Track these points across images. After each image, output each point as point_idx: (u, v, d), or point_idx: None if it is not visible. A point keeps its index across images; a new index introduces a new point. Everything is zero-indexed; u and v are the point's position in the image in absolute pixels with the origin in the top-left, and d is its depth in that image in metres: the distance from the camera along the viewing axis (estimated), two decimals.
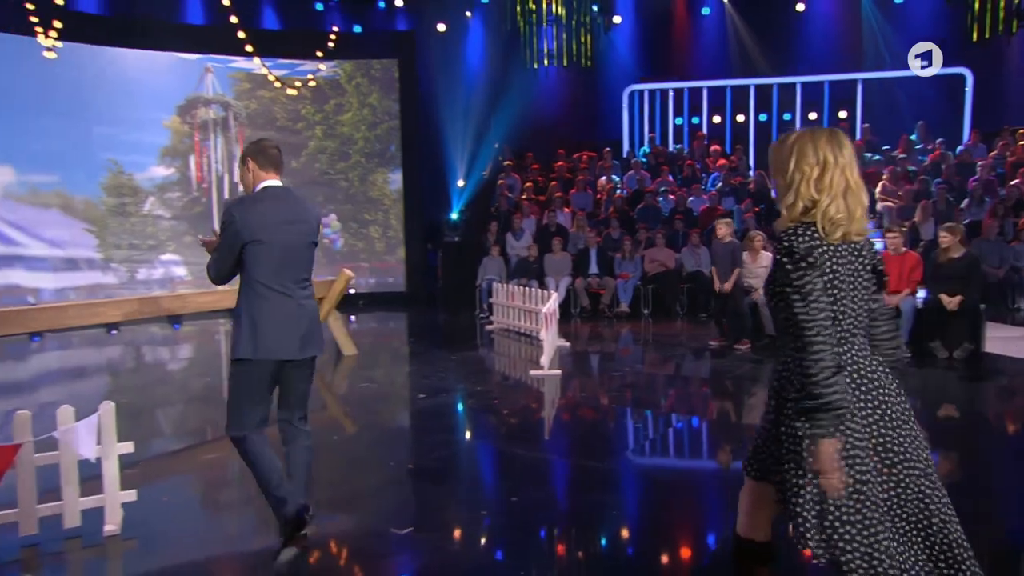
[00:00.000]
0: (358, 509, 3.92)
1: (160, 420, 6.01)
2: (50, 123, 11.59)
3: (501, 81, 14.07)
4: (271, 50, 12.89)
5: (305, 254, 3.24)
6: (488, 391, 6.65)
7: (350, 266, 13.49)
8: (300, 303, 3.19)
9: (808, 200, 1.99)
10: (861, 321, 2.05)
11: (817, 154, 1.99)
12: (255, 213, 3.08)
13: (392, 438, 5.35)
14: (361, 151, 13.57)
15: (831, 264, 1.98)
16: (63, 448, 3.38)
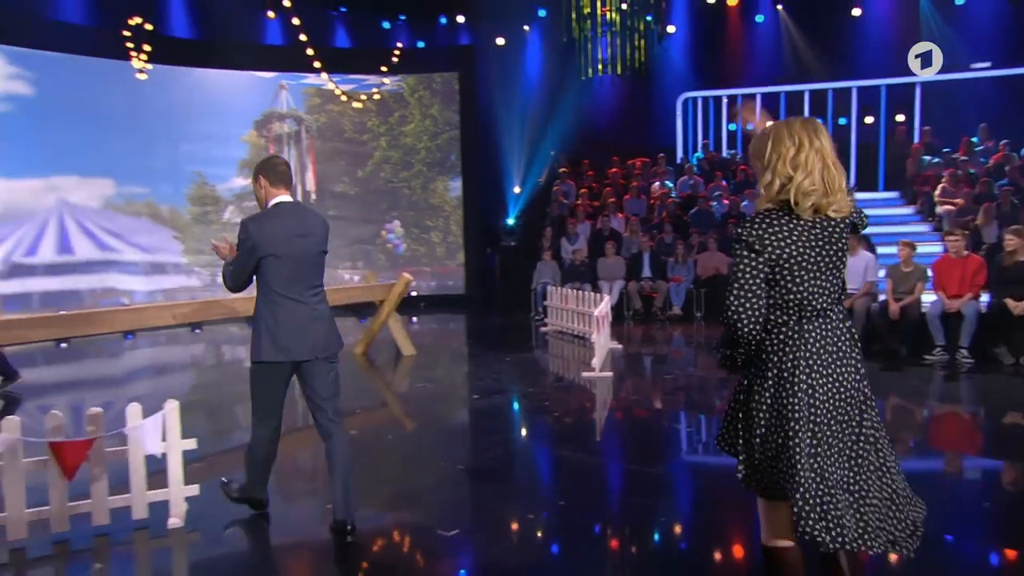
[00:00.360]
0: (408, 508, 3.84)
1: (229, 416, 6.09)
2: (142, 140, 12.02)
3: (557, 91, 13.92)
4: (340, 67, 13.07)
5: (315, 263, 3.35)
6: (540, 392, 6.51)
7: (411, 270, 13.57)
8: (313, 308, 3.29)
9: (784, 177, 2.03)
10: (832, 296, 2.09)
11: (792, 137, 2.04)
12: (269, 228, 3.19)
13: (445, 438, 5.27)
14: (423, 160, 13.62)
15: (791, 249, 2.03)
16: (131, 444, 3.40)
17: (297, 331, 3.22)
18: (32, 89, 11.02)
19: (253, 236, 3.17)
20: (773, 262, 2.04)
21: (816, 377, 2.03)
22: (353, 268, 13.49)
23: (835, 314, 2.09)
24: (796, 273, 2.04)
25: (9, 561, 3.22)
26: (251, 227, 3.20)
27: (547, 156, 13.79)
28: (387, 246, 13.67)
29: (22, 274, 11.02)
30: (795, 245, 2.03)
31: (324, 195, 13.41)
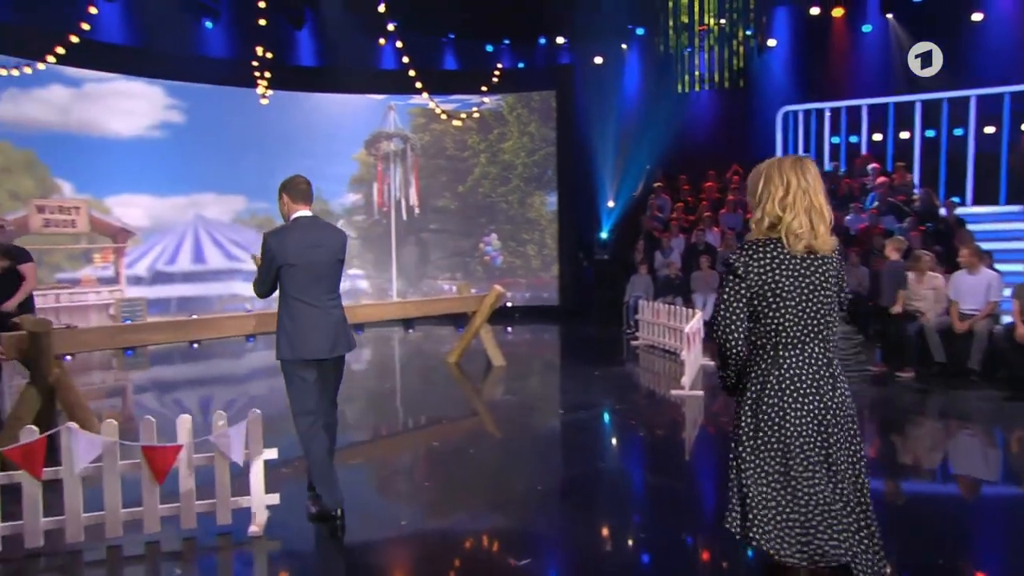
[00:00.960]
0: (481, 529, 3.59)
1: None
2: (266, 159, 12.55)
3: (653, 106, 13.42)
4: (444, 88, 13.17)
5: (332, 271, 3.49)
6: (628, 409, 6.12)
7: (508, 281, 13.47)
8: (328, 312, 3.45)
9: (773, 216, 2.07)
10: (815, 330, 2.09)
11: (782, 177, 2.08)
12: (288, 240, 3.37)
13: (527, 454, 4.99)
14: (520, 176, 13.49)
15: (770, 277, 2.07)
16: (217, 451, 3.35)
17: (312, 333, 3.38)
18: (183, 117, 11.79)
19: (272, 248, 3.36)
20: (754, 288, 2.08)
21: (788, 402, 2.06)
22: (452, 279, 13.52)
23: (815, 346, 2.09)
24: (773, 302, 2.07)
25: (105, 558, 3.23)
26: (271, 240, 3.39)
27: (641, 170, 13.31)
28: (484, 258, 13.61)
29: (163, 281, 11.74)
30: (776, 274, 2.07)
31: (426, 209, 13.53)
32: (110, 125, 11.09)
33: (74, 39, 9.34)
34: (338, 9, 12.22)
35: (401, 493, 4.18)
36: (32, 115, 10.30)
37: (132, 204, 11.45)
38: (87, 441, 3.15)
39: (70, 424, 3.15)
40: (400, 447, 5.18)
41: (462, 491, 4.14)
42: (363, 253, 13.45)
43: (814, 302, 2.08)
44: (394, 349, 10.36)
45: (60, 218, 10.59)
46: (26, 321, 4.77)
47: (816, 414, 2.06)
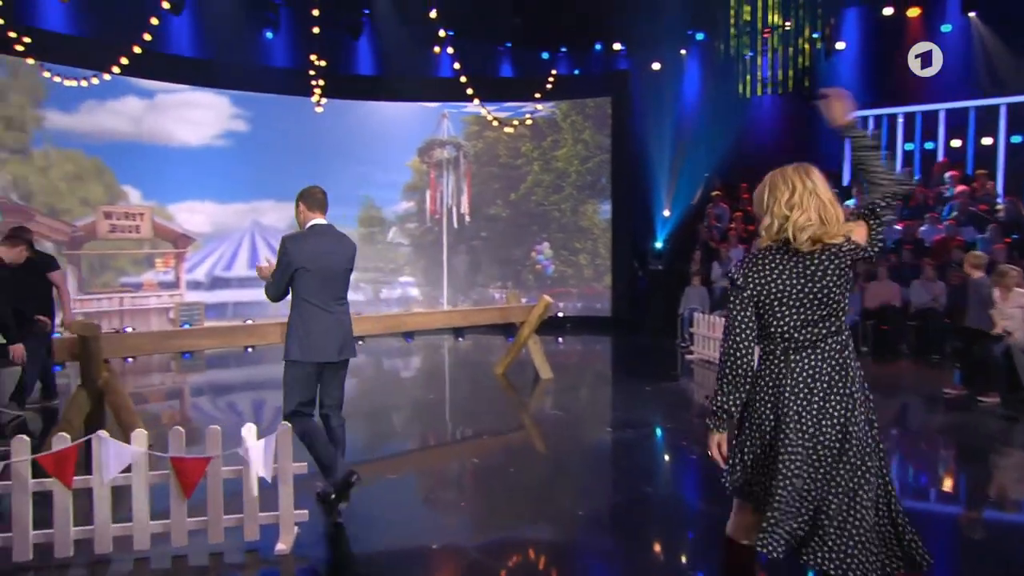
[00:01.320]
0: (516, 553, 3.38)
1: (368, 430, 6.00)
2: (321, 166, 12.70)
3: (713, 112, 13.00)
4: (498, 95, 13.08)
5: (342, 278, 3.71)
6: (679, 429, 5.82)
7: (559, 291, 13.23)
8: (338, 317, 3.64)
9: (781, 218, 2.11)
10: (822, 329, 2.11)
11: (787, 182, 2.15)
12: (305, 245, 3.56)
13: (570, 475, 4.75)
14: (574, 183, 13.26)
15: (772, 286, 2.12)
16: (245, 465, 3.26)
17: (322, 336, 3.54)
18: (246, 126, 12.07)
19: (290, 252, 3.54)
20: (756, 297, 2.13)
21: (803, 404, 2.09)
22: (502, 288, 13.38)
23: (827, 346, 2.11)
24: (777, 308, 2.12)
25: (132, 570, 3.17)
26: (289, 244, 3.58)
27: (699, 178, 12.90)
28: (536, 267, 13.42)
29: (220, 286, 12.00)
30: (777, 282, 2.12)
31: (477, 217, 13.45)
32: (176, 134, 11.43)
33: (137, 50, 9.64)
34: (395, 18, 12.30)
35: (437, 510, 4.02)
36: (103, 125, 10.71)
37: (194, 210, 11.76)
38: (117, 450, 3.11)
39: (100, 433, 3.11)
40: (439, 461, 5.03)
41: (499, 512, 3.95)
42: (414, 260, 13.46)
43: (822, 299, 2.10)
44: (442, 358, 10.27)
45: (125, 224, 10.96)
46: (75, 325, 4.85)
47: (834, 414, 2.09)
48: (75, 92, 10.29)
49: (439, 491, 4.46)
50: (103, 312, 10.68)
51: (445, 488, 4.49)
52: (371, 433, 5.88)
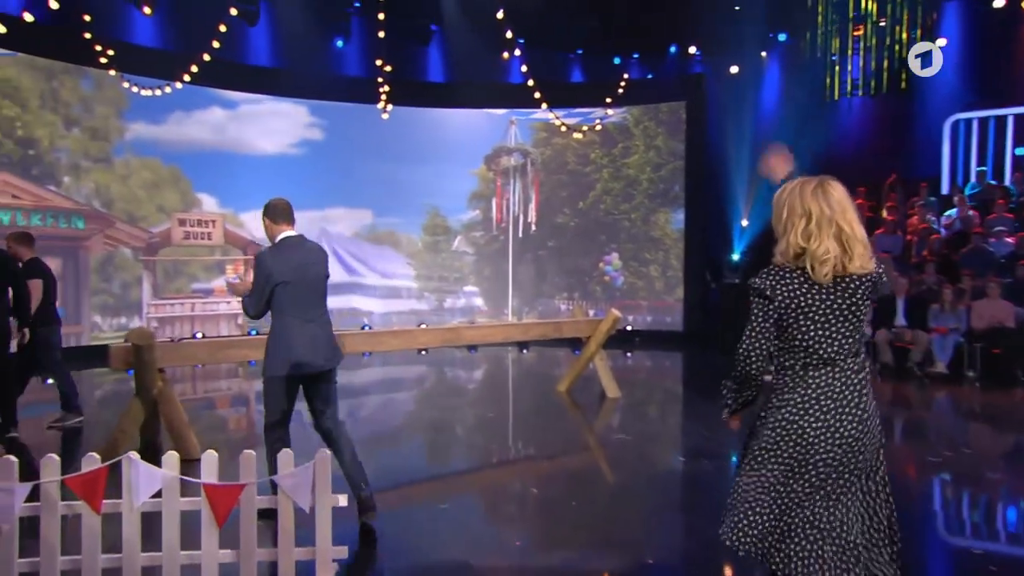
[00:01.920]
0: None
1: (422, 449, 5.72)
2: (389, 174, 12.71)
3: (797, 117, 12.21)
4: (568, 101, 12.73)
5: (319, 288, 3.66)
6: None
7: (628, 303, 12.71)
8: (320, 326, 3.61)
9: (797, 247, 2.08)
10: (843, 348, 2.10)
11: (803, 207, 2.08)
12: (281, 259, 3.53)
13: (636, 512, 4.28)
14: (645, 192, 12.74)
15: (799, 300, 2.08)
16: (280, 494, 3.00)
17: (307, 347, 3.53)
18: (318, 135, 12.19)
19: (268, 267, 3.50)
20: (782, 310, 2.10)
21: (809, 420, 2.08)
22: (569, 299, 12.98)
23: (845, 364, 2.11)
24: (802, 323, 2.09)
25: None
26: (267, 259, 3.53)
27: (779, 186, 12.12)
28: (604, 278, 12.95)
29: None
30: (804, 297, 2.09)
31: (544, 225, 13.11)
32: (249, 143, 11.63)
33: (207, 58, 9.81)
34: (464, 25, 12.16)
35: (488, 549, 3.66)
36: (180, 134, 10.98)
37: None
38: (148, 474, 2.91)
39: (131, 454, 2.92)
40: (494, 489, 4.68)
41: (557, 554, 3.56)
42: (480, 270, 13.24)
43: (844, 321, 2.09)
44: (505, 371, 9.96)
45: (198, 231, 11.19)
46: (131, 334, 4.77)
47: (846, 433, 2.07)
48: (155, 103, 10.59)
49: (492, 525, 4.11)
50: (175, 317, 10.91)
51: (499, 522, 4.14)
52: (423, 452, 5.60)
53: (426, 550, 3.51)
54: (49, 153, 9.80)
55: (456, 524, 3.93)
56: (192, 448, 4.90)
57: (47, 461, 2.89)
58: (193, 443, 4.92)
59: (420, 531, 3.77)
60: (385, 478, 4.52)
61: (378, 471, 4.68)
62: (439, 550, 3.54)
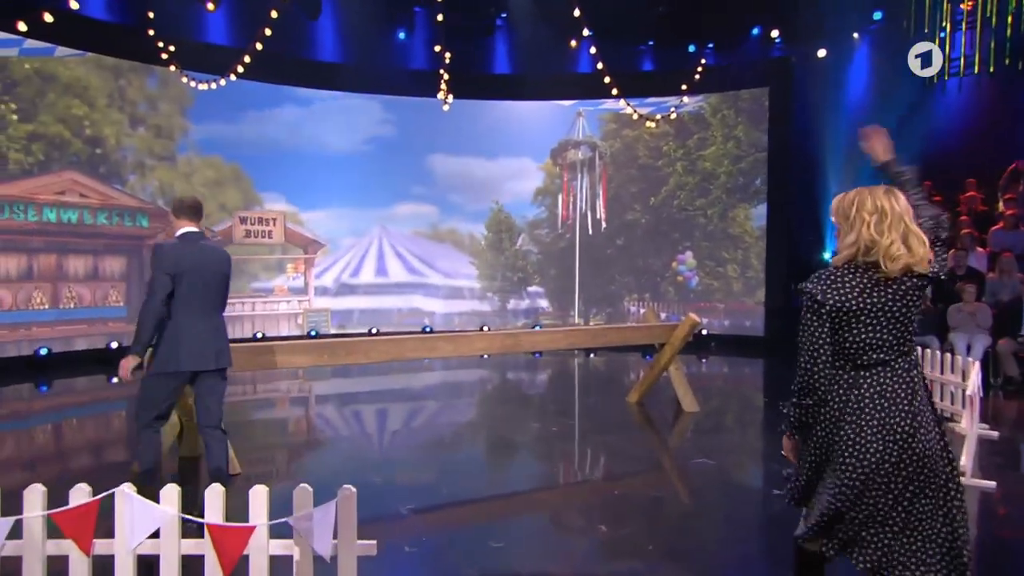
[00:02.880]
0: None
1: (477, 469, 5.17)
2: (452, 170, 12.30)
3: (895, 101, 11.06)
4: (640, 90, 11.94)
5: (216, 287, 3.64)
6: None
7: (703, 306, 11.84)
8: (214, 324, 3.63)
9: (868, 240, 2.11)
10: (895, 349, 2.15)
11: (876, 203, 2.13)
12: (179, 254, 3.53)
13: (723, 561, 3.61)
14: (723, 186, 11.83)
15: (851, 303, 2.13)
16: (296, 537, 2.50)
17: (197, 343, 3.52)
18: (378, 130, 11.88)
19: (166, 261, 3.48)
20: (834, 314, 2.14)
21: (865, 419, 2.12)
22: (639, 300, 12.22)
23: (897, 364, 2.16)
24: (854, 326, 2.14)
25: None
26: (166, 254, 3.52)
27: (876, 178, 10.98)
28: (677, 279, 12.12)
29: (347, 292, 11.85)
30: (856, 300, 2.13)
31: (613, 223, 12.39)
32: (310, 139, 11.41)
33: (259, 46, 9.59)
34: (529, 14, 11.58)
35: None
36: (242, 132, 10.86)
37: (324, 216, 11.70)
38: (143, 510, 2.46)
39: (124, 487, 2.48)
40: (555, 521, 4.08)
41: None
42: (545, 269, 12.65)
43: (897, 322, 2.15)
44: (570, 379, 9.33)
45: (259, 229, 11.05)
46: None
47: (899, 431, 2.11)
48: (217, 101, 10.48)
49: (547, 567, 3.50)
50: (236, 316, 10.80)
51: (555, 562, 3.53)
52: (475, 472, 5.05)
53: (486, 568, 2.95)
54: (115, 151, 9.81)
55: (512, 551, 3.35)
56: (229, 464, 4.51)
57: (30, 492, 2.47)
58: (229, 457, 4.53)
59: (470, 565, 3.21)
60: (430, 498, 4.00)
61: (423, 492, 4.17)
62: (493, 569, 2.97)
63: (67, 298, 9.33)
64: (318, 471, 4.91)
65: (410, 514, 3.86)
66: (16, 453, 5.48)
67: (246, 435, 5.76)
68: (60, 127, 9.25)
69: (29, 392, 7.94)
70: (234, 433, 5.32)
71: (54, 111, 9.17)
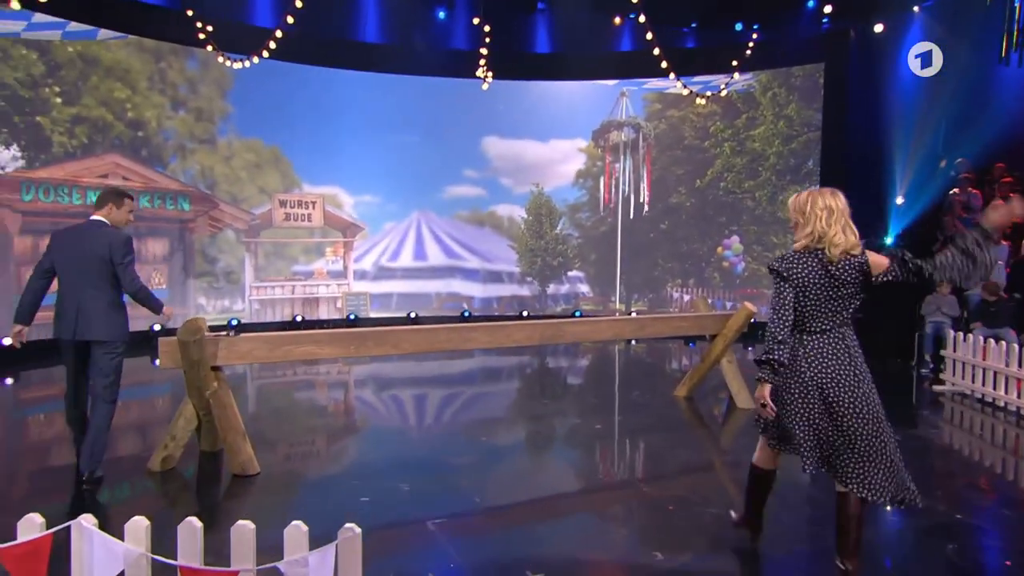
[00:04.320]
0: None
1: (513, 470, 4.60)
2: (492, 152, 11.69)
3: (960, 79, 9.97)
4: (686, 69, 11.09)
5: (88, 266, 3.82)
6: (950, 506, 3.71)
7: (750, 292, 11.03)
8: (90, 300, 3.80)
9: (820, 231, 2.60)
10: (834, 320, 2.63)
11: (825, 202, 2.64)
12: (62, 234, 3.93)
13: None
14: (772, 167, 10.94)
15: (807, 280, 2.60)
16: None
17: (71, 317, 3.79)
18: (417, 111, 11.26)
19: (52, 241, 3.92)
20: (796, 288, 2.62)
21: (805, 368, 2.62)
22: (683, 287, 11.46)
23: (835, 332, 2.64)
24: (803, 299, 2.63)
25: None
26: (54, 235, 3.94)
27: (942, 158, 9.96)
28: (723, 264, 11.31)
29: (386, 276, 11.40)
30: (809, 277, 2.61)
31: (657, 206, 11.61)
32: (350, 121, 10.91)
33: (290, 19, 9.09)
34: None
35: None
36: (281, 113, 10.42)
37: (364, 199, 11.23)
38: (105, 547, 1.95)
39: (82, 519, 1.97)
40: (599, 540, 3.48)
41: None
42: (585, 254, 11.97)
43: (837, 299, 2.61)
44: (612, 368, 8.68)
45: (299, 212, 10.65)
46: (183, 328, 3.96)
47: (835, 375, 2.61)
48: (257, 83, 10.06)
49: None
50: (276, 300, 10.45)
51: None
52: (511, 479, 4.47)
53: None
54: (156, 134, 9.48)
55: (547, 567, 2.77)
56: (247, 462, 4.04)
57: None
58: (248, 456, 4.07)
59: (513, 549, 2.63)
60: (460, 506, 3.45)
61: (452, 500, 3.60)
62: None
63: None
64: (339, 473, 4.40)
65: (436, 529, 3.32)
66: (48, 437, 5.15)
67: (273, 423, 5.32)
68: (103, 110, 8.94)
69: None
70: (261, 421, 4.88)
71: (97, 94, 8.86)
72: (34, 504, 3.53)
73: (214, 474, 4.19)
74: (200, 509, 3.64)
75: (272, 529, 2.19)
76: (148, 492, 3.87)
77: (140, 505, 3.66)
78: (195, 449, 4.45)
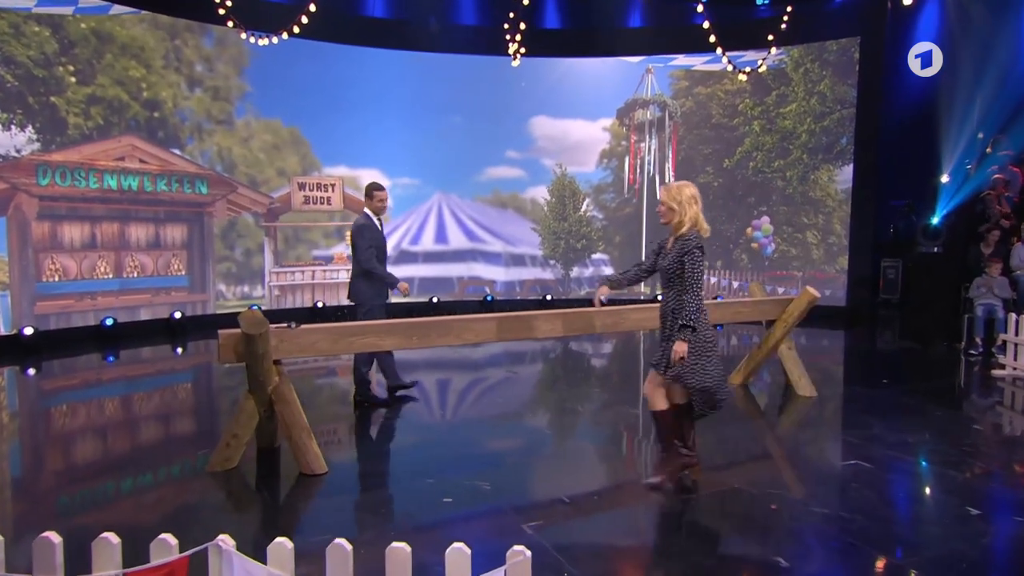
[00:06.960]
0: None
1: (536, 479, 4.45)
2: (514, 131, 11.44)
3: (1003, 54, 9.75)
4: (711, 45, 10.83)
5: None
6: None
7: (780, 274, 10.89)
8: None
9: (694, 216, 3.47)
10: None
11: (691, 192, 3.50)
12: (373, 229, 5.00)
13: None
14: (804, 146, 10.74)
15: None
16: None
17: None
18: (444, 90, 10.96)
19: (371, 233, 5.09)
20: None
21: (708, 324, 3.55)
22: (710, 269, 11.29)
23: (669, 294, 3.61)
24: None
25: None
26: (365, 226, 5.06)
27: (983, 137, 9.78)
28: (752, 246, 11.15)
29: (407, 260, 11.19)
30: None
31: None
32: (370, 100, 10.62)
33: (312, 8, 8.80)
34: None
35: None
36: (300, 93, 10.13)
37: (384, 181, 10.97)
38: (244, 570, 1.79)
39: (220, 540, 1.81)
40: (645, 546, 3.34)
41: None
42: (610, 236, 11.79)
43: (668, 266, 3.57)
44: (639, 352, 8.53)
45: (318, 195, 10.41)
46: (243, 319, 3.77)
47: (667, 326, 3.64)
48: (275, 61, 9.77)
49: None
50: (296, 285, 10.26)
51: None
52: (549, 477, 4.32)
53: None
54: (173, 115, 9.20)
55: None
56: (314, 461, 3.89)
57: (100, 544, 1.82)
58: (315, 453, 3.91)
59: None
60: (547, 502, 3.30)
61: (536, 493, 3.43)
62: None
63: (130, 267, 8.85)
64: (408, 471, 4.24)
65: (534, 533, 3.16)
66: (86, 427, 4.97)
67: (314, 415, 5.16)
68: (118, 90, 8.65)
69: (98, 362, 7.51)
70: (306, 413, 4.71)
71: (112, 73, 8.57)
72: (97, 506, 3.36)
73: (278, 474, 4.03)
74: (280, 515, 3.49)
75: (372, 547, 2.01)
76: (217, 498, 3.68)
77: (221, 514, 3.50)
78: (252, 447, 4.28)
